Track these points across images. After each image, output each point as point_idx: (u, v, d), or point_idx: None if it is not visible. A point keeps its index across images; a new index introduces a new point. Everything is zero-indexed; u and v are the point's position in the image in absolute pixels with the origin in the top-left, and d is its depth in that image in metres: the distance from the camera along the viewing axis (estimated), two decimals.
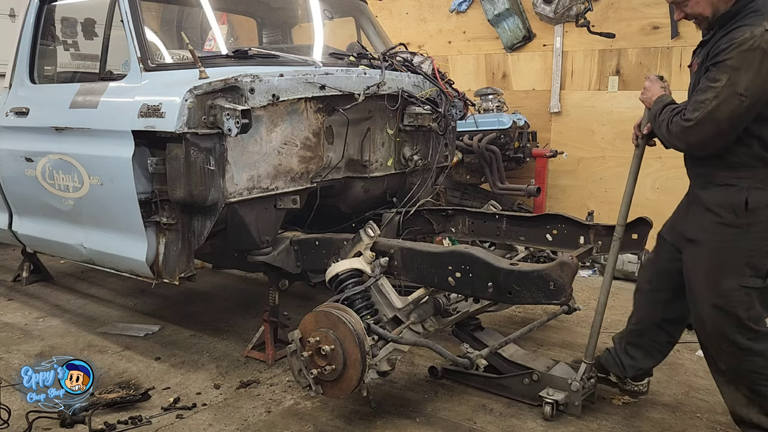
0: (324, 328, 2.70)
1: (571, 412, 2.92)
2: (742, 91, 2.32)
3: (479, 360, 2.87)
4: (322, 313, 2.74)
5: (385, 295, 2.91)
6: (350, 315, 2.70)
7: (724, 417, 2.93)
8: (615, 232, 2.92)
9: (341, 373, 2.67)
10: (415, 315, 2.96)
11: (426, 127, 3.87)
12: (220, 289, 4.94)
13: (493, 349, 3.04)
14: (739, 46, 2.32)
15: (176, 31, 4.29)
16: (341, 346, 2.64)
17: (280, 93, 3.14)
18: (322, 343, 2.68)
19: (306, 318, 2.81)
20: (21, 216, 4.21)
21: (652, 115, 2.68)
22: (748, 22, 2.34)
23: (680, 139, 2.51)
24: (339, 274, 2.97)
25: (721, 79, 2.34)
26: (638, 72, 5.45)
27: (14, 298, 4.73)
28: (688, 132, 2.45)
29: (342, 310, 2.73)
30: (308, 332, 2.76)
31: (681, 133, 2.48)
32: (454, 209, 3.91)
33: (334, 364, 2.66)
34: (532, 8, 5.79)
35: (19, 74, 4.10)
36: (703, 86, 2.41)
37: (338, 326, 2.67)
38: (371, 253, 2.99)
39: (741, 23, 2.37)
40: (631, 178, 2.89)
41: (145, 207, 3.18)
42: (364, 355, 2.61)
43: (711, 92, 2.37)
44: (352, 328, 2.63)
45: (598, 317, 2.91)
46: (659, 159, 5.29)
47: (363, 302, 2.88)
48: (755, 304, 2.54)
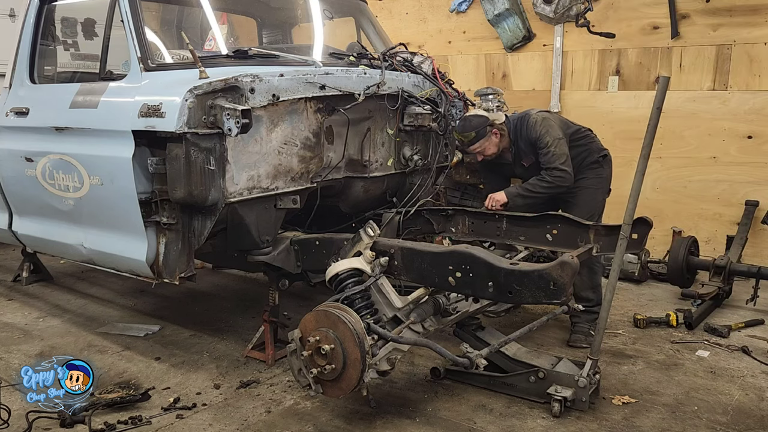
0: (324, 328, 2.70)
1: (579, 408, 2.93)
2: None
3: (479, 359, 2.87)
4: (322, 313, 2.74)
5: (385, 295, 2.92)
6: (350, 314, 2.70)
7: (724, 417, 2.93)
8: (621, 231, 2.90)
9: (341, 373, 2.67)
10: (414, 315, 2.96)
11: (426, 127, 3.87)
12: (220, 289, 4.94)
13: (493, 348, 3.04)
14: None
15: (176, 31, 4.29)
16: (341, 346, 2.64)
17: (280, 93, 3.14)
18: (322, 342, 2.68)
19: (306, 317, 2.81)
20: (21, 216, 4.21)
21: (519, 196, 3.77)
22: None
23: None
24: (339, 274, 2.97)
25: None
26: (638, 72, 5.46)
27: (14, 298, 4.73)
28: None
29: (342, 309, 2.72)
30: (308, 331, 2.76)
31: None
32: (454, 209, 3.91)
33: (333, 363, 2.66)
34: (532, 8, 5.79)
35: (19, 74, 4.10)
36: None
37: (338, 325, 2.67)
38: (371, 253, 2.99)
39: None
40: (638, 176, 2.87)
41: (146, 207, 3.18)
42: (364, 354, 2.61)
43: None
44: (352, 328, 2.63)
45: (603, 314, 2.91)
46: (659, 159, 5.30)
47: (363, 302, 2.88)
48: None
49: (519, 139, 3.87)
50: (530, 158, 3.86)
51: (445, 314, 3.09)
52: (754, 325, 4.07)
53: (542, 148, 3.73)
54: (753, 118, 5.03)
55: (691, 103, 5.24)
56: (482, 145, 3.83)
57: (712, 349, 3.70)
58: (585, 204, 3.78)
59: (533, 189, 3.74)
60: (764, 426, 2.87)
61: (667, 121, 4.97)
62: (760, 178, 5.05)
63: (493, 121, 3.85)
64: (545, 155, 3.71)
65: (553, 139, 3.71)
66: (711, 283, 4.34)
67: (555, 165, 3.67)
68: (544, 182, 3.70)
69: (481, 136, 3.79)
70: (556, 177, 3.67)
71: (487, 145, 3.84)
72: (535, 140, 3.76)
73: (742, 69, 5.02)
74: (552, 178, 3.68)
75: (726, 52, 5.06)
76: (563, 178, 3.68)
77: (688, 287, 4.50)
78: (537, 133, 3.75)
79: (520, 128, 3.85)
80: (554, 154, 3.68)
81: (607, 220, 3.85)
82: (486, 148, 3.85)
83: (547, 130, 3.74)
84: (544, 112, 3.92)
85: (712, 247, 5.19)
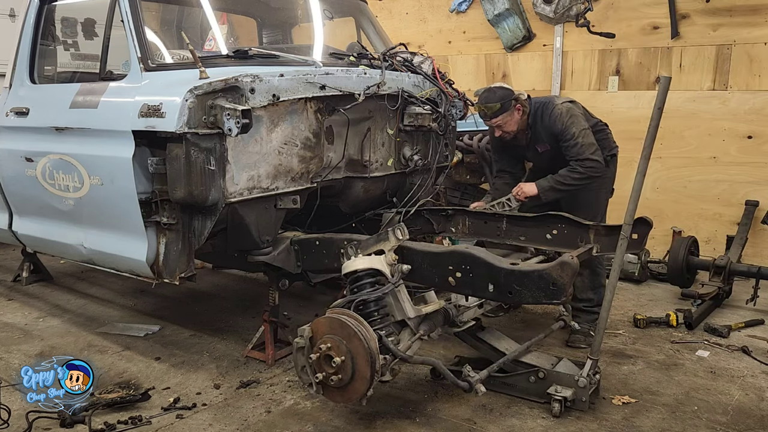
0: (337, 337, 2.64)
1: (579, 408, 2.93)
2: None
3: (478, 385, 2.78)
4: (338, 321, 2.66)
5: (400, 302, 2.85)
6: (366, 330, 2.61)
7: (724, 417, 2.93)
8: (622, 231, 2.89)
9: (347, 384, 2.64)
10: (425, 327, 2.92)
11: (426, 127, 3.87)
12: (220, 289, 4.94)
13: (492, 370, 2.95)
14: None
15: (176, 31, 4.29)
16: (352, 360, 2.60)
17: (280, 93, 3.14)
18: (333, 351, 2.63)
19: (320, 320, 2.74)
20: (21, 216, 4.21)
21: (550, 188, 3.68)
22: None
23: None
24: (358, 271, 2.89)
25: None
26: (638, 72, 5.46)
27: (14, 298, 4.73)
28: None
29: (358, 322, 2.64)
30: (320, 334, 2.70)
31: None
32: (454, 209, 3.91)
33: (341, 374, 2.63)
34: (532, 8, 5.79)
35: (20, 74, 4.09)
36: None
37: (353, 340, 2.60)
38: (394, 256, 2.90)
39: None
40: (638, 177, 2.86)
41: (146, 207, 3.18)
42: (374, 373, 2.58)
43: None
44: (367, 346, 2.57)
45: (604, 314, 2.91)
46: (659, 159, 5.30)
47: (376, 306, 2.83)
48: None
49: (538, 123, 3.78)
50: (545, 145, 3.80)
51: (452, 325, 3.06)
52: (754, 325, 4.07)
53: (569, 139, 3.65)
54: (753, 118, 5.04)
55: (691, 103, 5.24)
56: (504, 120, 3.73)
57: (712, 349, 3.70)
58: (589, 204, 3.76)
59: (565, 181, 3.65)
60: (764, 426, 2.87)
61: (667, 121, 4.94)
62: (760, 178, 5.05)
63: (518, 95, 3.75)
64: (573, 147, 3.64)
65: (579, 130, 3.64)
66: (711, 283, 4.34)
67: (585, 156, 3.60)
68: (576, 173, 3.63)
69: (505, 108, 3.69)
70: (589, 168, 3.61)
71: (509, 120, 3.73)
72: (559, 132, 3.68)
73: (742, 69, 5.02)
74: (584, 168, 3.61)
75: (726, 52, 5.06)
76: (595, 168, 3.62)
77: (688, 287, 4.51)
78: (562, 125, 3.67)
79: (542, 114, 3.76)
80: (582, 145, 3.61)
81: (607, 220, 3.85)
82: (507, 123, 3.74)
83: (572, 121, 3.66)
84: (568, 102, 3.82)
85: (712, 247, 5.20)
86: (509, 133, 3.80)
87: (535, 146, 3.85)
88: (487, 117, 3.76)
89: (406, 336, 2.87)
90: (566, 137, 3.66)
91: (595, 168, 3.62)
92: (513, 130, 3.78)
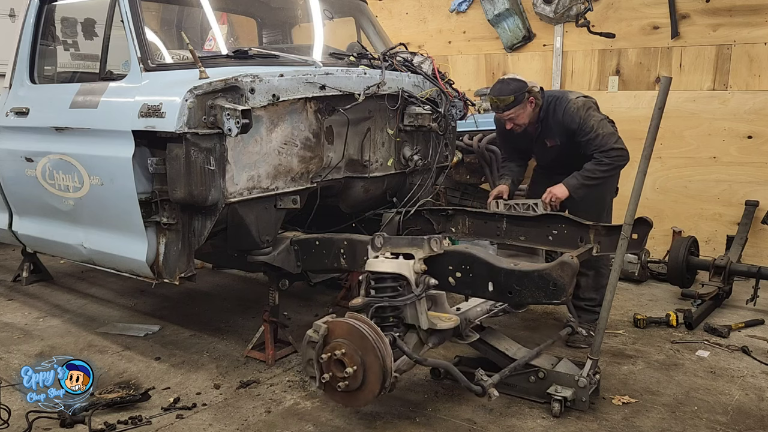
0: (354, 344, 2.62)
1: (579, 408, 2.92)
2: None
3: (491, 390, 2.72)
4: (358, 331, 2.62)
5: (418, 313, 2.80)
6: (384, 347, 2.59)
7: (724, 417, 2.93)
8: (622, 231, 2.89)
9: (353, 392, 2.65)
10: (435, 339, 2.90)
11: (426, 127, 3.86)
12: (220, 289, 4.94)
13: (504, 375, 2.90)
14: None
15: (176, 31, 4.29)
16: (364, 372, 2.60)
17: (280, 93, 3.14)
18: (346, 359, 2.62)
19: (339, 322, 2.70)
20: (21, 216, 4.21)
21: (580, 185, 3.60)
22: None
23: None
24: (383, 273, 2.82)
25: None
26: (638, 72, 5.46)
27: (14, 298, 4.73)
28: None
29: (378, 337, 2.61)
30: (335, 336, 2.68)
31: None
32: (454, 209, 3.91)
33: (349, 382, 2.63)
34: (532, 8, 5.79)
35: (19, 74, 4.09)
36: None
37: (368, 353, 2.58)
38: (424, 267, 2.82)
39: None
40: (639, 176, 2.86)
41: (146, 207, 3.18)
42: (382, 389, 2.60)
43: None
44: (382, 364, 2.56)
45: (604, 314, 2.91)
46: (659, 159, 5.30)
47: (393, 312, 2.81)
48: None
49: (550, 117, 3.70)
50: (555, 140, 3.74)
51: (460, 338, 3.03)
52: (754, 325, 4.06)
53: (588, 132, 3.57)
54: (753, 118, 5.04)
55: (691, 103, 5.24)
56: (517, 113, 3.65)
57: (712, 349, 3.70)
58: (593, 204, 3.72)
59: (593, 175, 3.57)
60: (764, 426, 2.87)
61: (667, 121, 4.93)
62: (760, 178, 5.05)
63: (531, 87, 3.67)
64: (594, 139, 3.56)
65: (597, 122, 3.57)
66: (711, 283, 4.34)
67: (609, 146, 3.53)
68: (603, 165, 3.55)
69: (518, 101, 3.61)
70: (615, 157, 3.54)
71: (521, 113, 3.66)
72: (577, 127, 3.60)
73: (742, 69, 5.03)
74: (610, 159, 3.54)
75: (726, 52, 5.07)
76: (621, 156, 3.56)
77: (688, 287, 4.51)
78: (580, 119, 3.59)
79: (554, 108, 3.68)
80: (604, 136, 3.54)
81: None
82: (519, 116, 3.66)
83: (589, 114, 3.60)
84: (582, 97, 3.75)
85: (712, 247, 5.20)
86: (520, 126, 3.73)
87: (544, 140, 3.79)
88: (499, 109, 3.68)
89: (413, 339, 2.86)
90: (585, 131, 3.58)
91: (621, 156, 3.56)
92: (524, 123, 3.71)
